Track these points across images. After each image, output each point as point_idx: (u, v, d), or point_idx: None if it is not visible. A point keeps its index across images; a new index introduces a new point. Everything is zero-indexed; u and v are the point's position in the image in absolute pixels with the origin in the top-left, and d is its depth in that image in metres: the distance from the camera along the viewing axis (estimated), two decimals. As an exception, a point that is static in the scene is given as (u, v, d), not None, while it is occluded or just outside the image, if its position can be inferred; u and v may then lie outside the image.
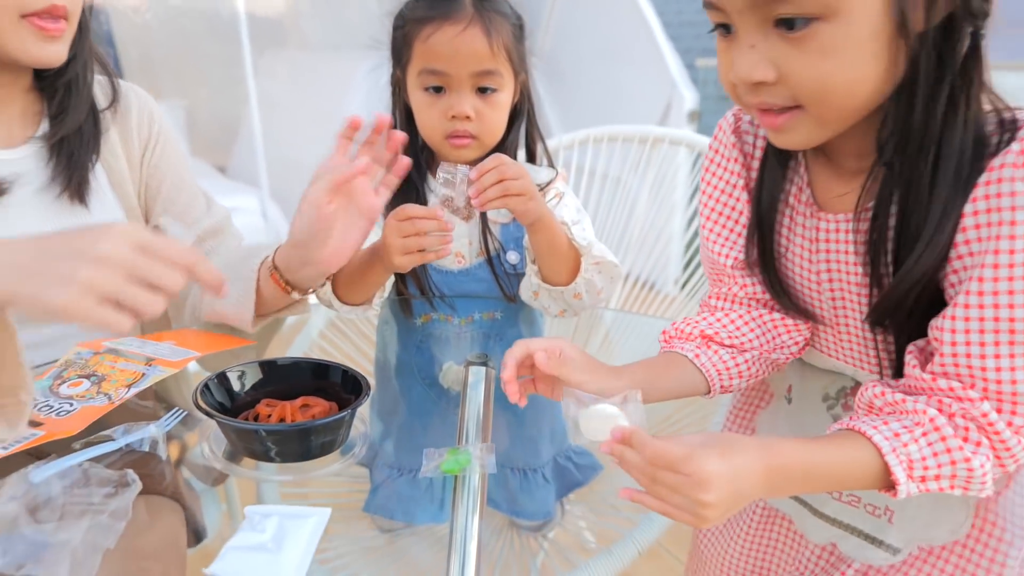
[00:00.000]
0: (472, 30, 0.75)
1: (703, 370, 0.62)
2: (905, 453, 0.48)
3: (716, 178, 0.66)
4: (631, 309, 1.40)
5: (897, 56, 0.47)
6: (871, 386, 0.54)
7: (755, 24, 0.48)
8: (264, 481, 0.63)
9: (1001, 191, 0.46)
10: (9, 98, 0.74)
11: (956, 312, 0.49)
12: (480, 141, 0.80)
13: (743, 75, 0.50)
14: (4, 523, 0.44)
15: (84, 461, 0.52)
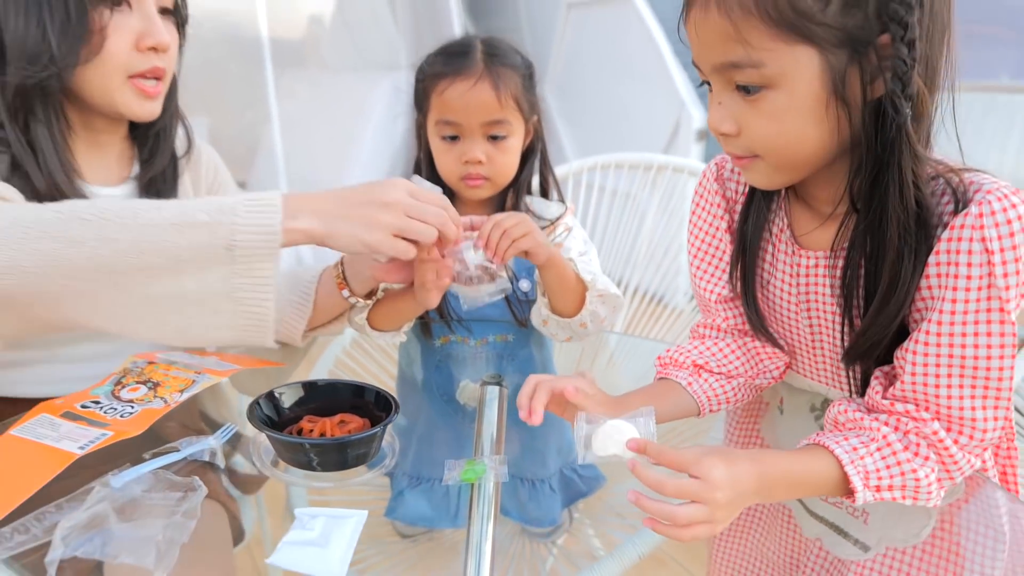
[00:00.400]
0: (481, 84, 0.83)
1: (695, 396, 0.71)
2: (862, 465, 0.55)
3: (701, 220, 0.74)
4: (641, 322, 1.47)
5: (840, 121, 0.55)
6: (837, 404, 0.62)
7: (722, 85, 0.57)
8: (307, 487, 0.71)
9: (960, 248, 0.53)
10: (110, 144, 0.84)
11: (916, 347, 0.56)
12: (492, 181, 0.89)
13: (713, 125, 0.59)
14: (98, 520, 0.52)
15: (155, 468, 0.61)
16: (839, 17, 0.51)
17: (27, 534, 0.53)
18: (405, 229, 0.64)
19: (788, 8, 0.51)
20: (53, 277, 0.58)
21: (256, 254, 0.60)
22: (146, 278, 0.59)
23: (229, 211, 0.60)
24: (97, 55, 0.73)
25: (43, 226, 0.58)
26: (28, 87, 0.72)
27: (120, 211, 0.59)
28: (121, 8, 0.74)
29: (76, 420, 0.63)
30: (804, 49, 0.53)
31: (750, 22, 0.52)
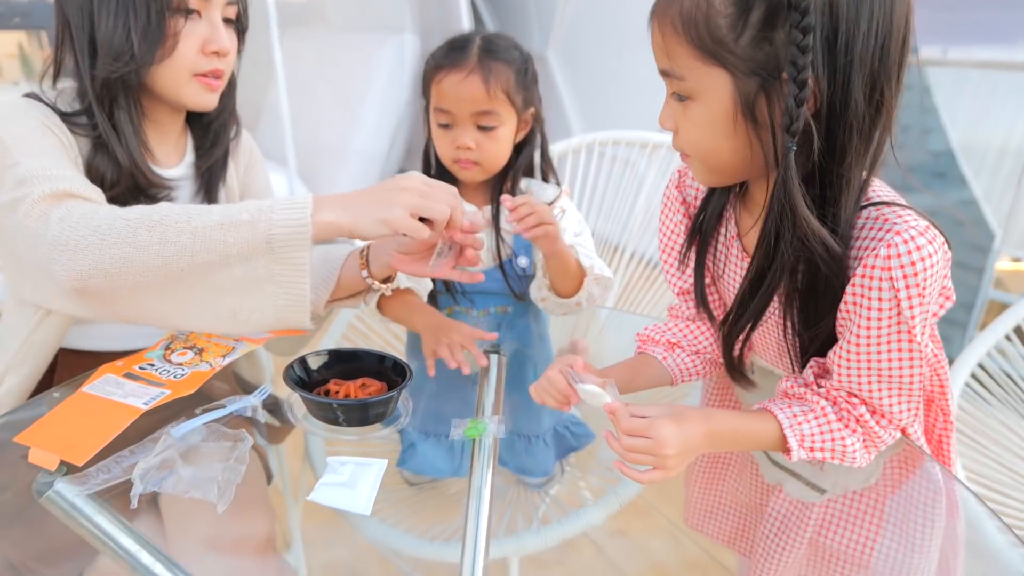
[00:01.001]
0: (472, 78, 0.92)
1: (669, 369, 0.82)
2: (799, 429, 0.67)
3: (667, 221, 0.84)
4: (636, 286, 1.55)
5: (752, 140, 0.61)
6: (785, 380, 0.73)
7: (668, 88, 0.65)
8: (331, 440, 0.83)
9: (871, 284, 0.61)
10: (171, 131, 0.95)
11: (841, 357, 0.66)
12: (482, 166, 0.98)
13: (660, 121, 0.67)
14: (167, 463, 0.64)
15: (208, 421, 0.72)
16: (749, 49, 0.58)
17: (109, 474, 0.64)
18: (421, 207, 0.73)
19: (707, 35, 0.58)
20: (128, 275, 0.69)
21: (291, 244, 0.70)
22: (203, 271, 0.70)
23: (267, 210, 0.70)
24: (169, 56, 0.83)
25: (117, 233, 0.68)
26: (112, 80, 0.82)
27: (177, 216, 0.69)
28: (192, 17, 0.84)
29: (137, 380, 0.74)
30: (719, 72, 0.59)
31: (677, 41, 0.60)
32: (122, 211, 0.71)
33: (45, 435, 0.67)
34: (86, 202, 0.74)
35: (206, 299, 0.72)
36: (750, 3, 0.56)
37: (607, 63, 3.60)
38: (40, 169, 0.75)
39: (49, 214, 0.72)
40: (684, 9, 0.59)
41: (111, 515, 0.64)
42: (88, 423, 0.68)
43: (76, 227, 0.70)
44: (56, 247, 0.69)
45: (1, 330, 0.95)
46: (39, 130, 0.80)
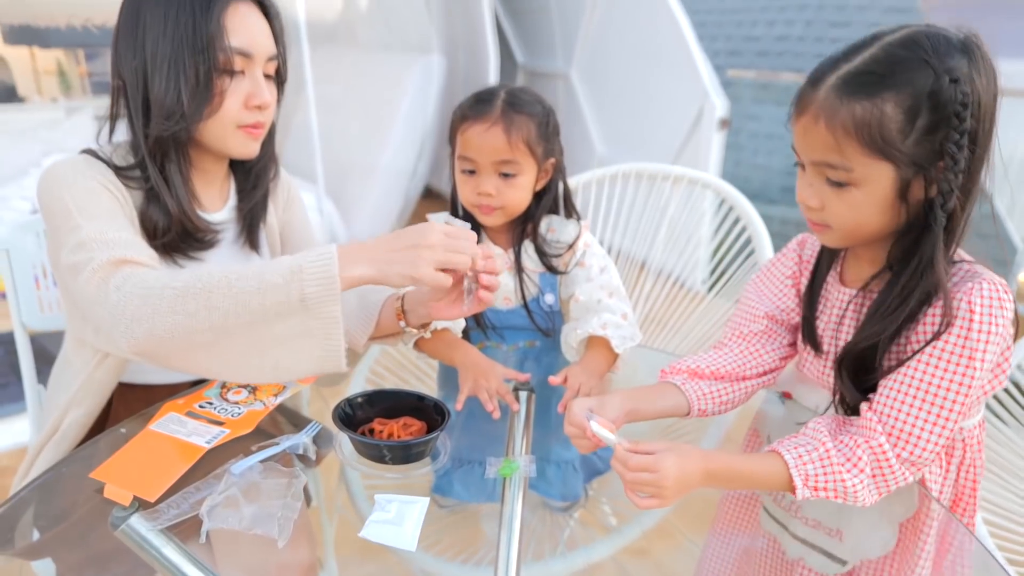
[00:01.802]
0: (494, 129, 0.97)
1: (687, 395, 0.87)
2: (804, 469, 0.72)
3: (775, 263, 0.96)
4: (662, 304, 1.59)
5: (899, 211, 0.74)
6: (817, 420, 0.79)
7: (815, 173, 0.76)
8: (375, 475, 0.89)
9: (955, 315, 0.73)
10: (215, 178, 1.02)
11: (898, 375, 0.75)
12: (503, 211, 1.03)
13: (802, 199, 0.78)
14: (231, 501, 0.70)
15: (264, 459, 0.78)
16: (913, 147, 0.70)
17: (178, 509, 0.70)
18: (445, 262, 0.77)
19: (879, 137, 0.70)
20: (179, 340, 0.75)
21: (323, 300, 0.74)
22: (245, 331, 0.75)
23: (298, 270, 0.74)
24: (216, 112, 0.89)
25: (167, 303, 0.74)
26: (164, 137, 0.89)
27: (219, 283, 0.74)
28: (237, 76, 0.90)
29: (198, 418, 0.80)
30: (884, 164, 0.71)
31: (848, 140, 0.71)
32: (169, 278, 0.76)
33: (118, 471, 0.74)
34: (139, 267, 0.80)
35: (250, 355, 0.77)
36: (917, 112, 0.69)
37: (629, 82, 3.64)
38: (98, 233, 0.81)
39: (107, 282, 0.77)
40: (857, 115, 0.70)
41: (177, 547, 0.71)
42: (156, 460, 0.74)
43: (131, 297, 0.75)
44: (114, 317, 0.75)
45: (63, 368, 1.02)
46: (97, 190, 0.87)
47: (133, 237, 0.85)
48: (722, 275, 1.53)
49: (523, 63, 4.56)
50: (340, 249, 0.77)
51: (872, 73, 0.70)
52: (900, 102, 0.69)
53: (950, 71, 0.68)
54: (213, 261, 1.00)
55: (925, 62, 0.68)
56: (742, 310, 0.96)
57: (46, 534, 0.85)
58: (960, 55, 0.69)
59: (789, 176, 4.13)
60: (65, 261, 0.82)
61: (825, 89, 0.72)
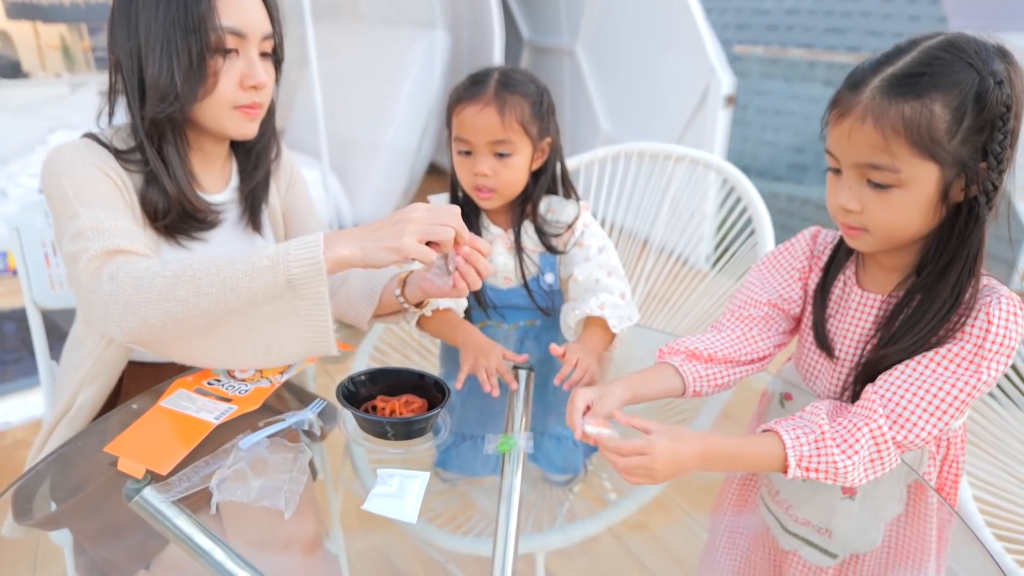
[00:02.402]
0: (488, 110, 0.99)
1: (684, 377, 0.89)
2: (800, 450, 0.74)
3: (785, 252, 0.96)
4: (664, 281, 1.60)
5: (937, 213, 0.75)
6: (819, 403, 0.81)
7: (856, 176, 0.77)
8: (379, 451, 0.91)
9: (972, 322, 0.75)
10: (216, 159, 1.03)
11: (903, 367, 0.77)
12: (499, 193, 1.05)
13: (841, 203, 0.78)
14: (240, 475, 0.73)
15: (270, 434, 0.81)
16: (958, 148, 0.71)
17: (189, 482, 0.73)
18: (428, 233, 0.78)
19: (927, 136, 0.71)
20: (171, 327, 0.77)
21: (309, 281, 0.76)
22: (235, 314, 0.76)
23: (283, 253, 0.75)
24: (211, 93, 0.90)
25: (157, 291, 0.76)
26: (160, 119, 0.89)
27: (207, 270, 0.76)
28: (231, 56, 0.90)
29: (206, 395, 0.83)
30: (930, 165, 0.72)
31: (898, 140, 0.71)
32: (160, 267, 0.78)
33: (131, 446, 0.77)
34: (132, 256, 0.82)
35: (242, 339, 0.79)
36: (963, 113, 0.71)
37: (635, 57, 3.61)
38: (95, 221, 0.83)
39: (101, 271, 0.79)
40: (907, 115, 0.71)
41: (188, 517, 0.74)
42: (168, 435, 0.77)
43: (123, 286, 0.77)
44: (107, 306, 0.77)
45: (75, 347, 1.04)
46: (95, 177, 0.88)
47: (129, 225, 0.86)
48: (725, 252, 1.54)
49: (528, 38, 4.52)
50: (327, 234, 0.79)
51: (919, 75, 0.71)
52: (948, 102, 0.70)
53: (994, 74, 0.70)
54: (216, 242, 1.02)
55: (969, 64, 0.70)
56: (744, 293, 0.97)
57: (62, 505, 0.88)
58: (999, 59, 0.71)
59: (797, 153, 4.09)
60: (65, 250, 0.84)
61: (870, 91, 0.73)
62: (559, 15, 4.09)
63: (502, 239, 1.10)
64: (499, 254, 1.10)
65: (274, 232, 1.13)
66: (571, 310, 1.04)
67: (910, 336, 0.78)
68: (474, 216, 1.10)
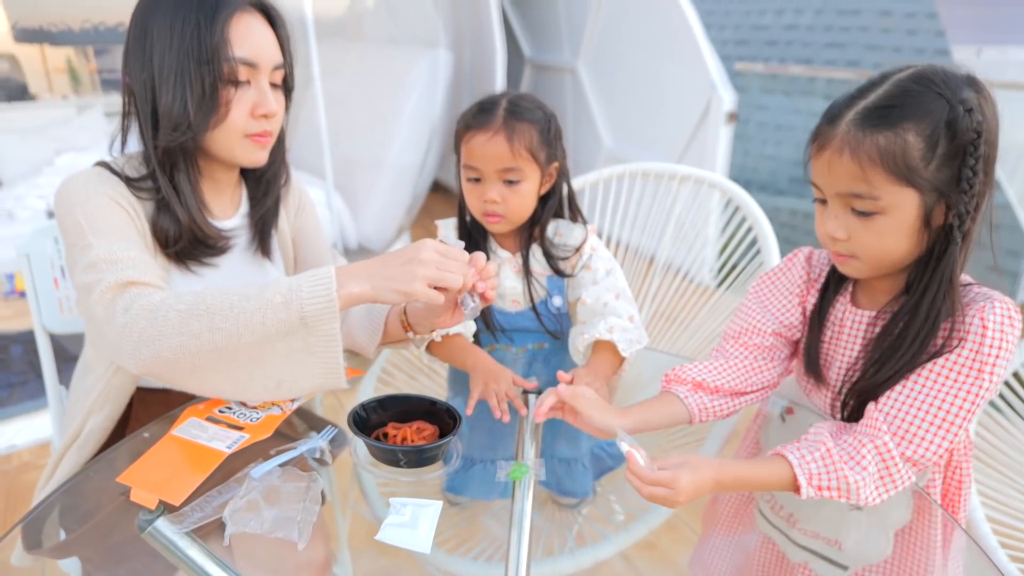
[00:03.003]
0: (497, 138, 0.99)
1: (689, 408, 0.90)
2: (808, 468, 0.75)
3: (783, 275, 0.96)
4: (670, 297, 1.61)
5: (922, 237, 0.77)
6: (822, 423, 0.81)
7: (840, 206, 0.79)
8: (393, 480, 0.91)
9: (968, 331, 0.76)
10: (226, 186, 1.04)
11: (905, 383, 0.77)
12: (508, 218, 1.05)
13: (828, 232, 0.80)
14: (253, 505, 0.72)
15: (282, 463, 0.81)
16: (935, 174, 0.74)
17: (202, 512, 0.73)
18: (437, 279, 0.79)
19: (903, 164, 0.73)
20: (185, 361, 0.77)
21: (322, 318, 0.76)
22: (248, 350, 0.77)
23: (296, 290, 0.76)
24: (223, 122, 0.91)
25: (172, 325, 0.76)
26: (172, 147, 0.91)
27: (221, 304, 0.77)
28: (243, 86, 0.91)
29: (218, 423, 0.83)
30: (909, 191, 0.74)
31: (875, 169, 0.74)
32: (174, 300, 0.78)
33: (143, 476, 0.76)
34: (146, 288, 0.82)
35: (254, 373, 0.79)
36: (936, 141, 0.73)
37: (636, 74, 3.63)
38: (108, 253, 0.84)
39: (115, 303, 0.80)
40: (881, 145, 0.74)
41: (201, 548, 0.74)
42: (180, 465, 0.77)
43: (137, 319, 0.78)
44: (121, 338, 0.78)
45: (84, 374, 1.05)
46: (108, 207, 0.88)
47: (142, 255, 0.87)
48: (731, 270, 1.54)
49: (530, 56, 4.56)
50: (338, 269, 0.79)
51: (890, 107, 0.74)
52: (920, 131, 0.73)
53: (963, 102, 0.72)
54: (226, 268, 1.02)
55: (939, 94, 0.73)
56: (745, 319, 0.97)
57: (72, 534, 0.88)
58: (968, 88, 0.73)
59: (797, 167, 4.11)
60: (78, 280, 0.85)
61: (845, 124, 0.76)
62: (560, 33, 4.13)
63: (510, 262, 1.11)
64: (507, 277, 1.10)
65: (283, 257, 1.14)
66: (579, 334, 1.04)
67: (893, 361, 0.79)
68: (482, 239, 1.11)
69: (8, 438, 2.20)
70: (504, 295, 1.10)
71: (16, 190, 3.11)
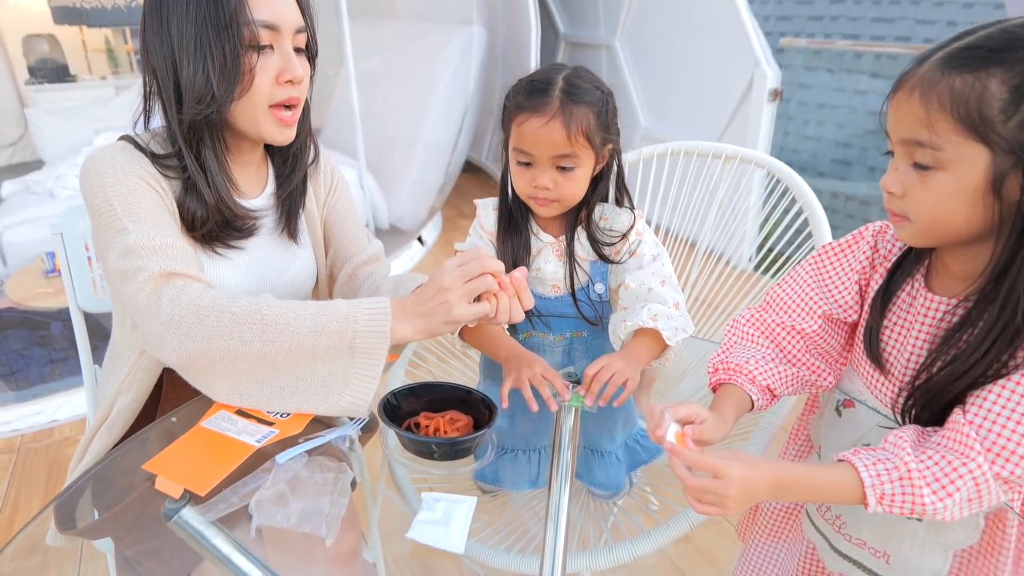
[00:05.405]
0: (553, 123, 0.92)
1: (750, 394, 0.84)
2: (881, 489, 0.67)
3: (845, 249, 0.87)
4: (709, 281, 1.54)
5: (989, 209, 0.65)
6: (898, 430, 0.72)
7: (902, 155, 0.69)
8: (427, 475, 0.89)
9: None
10: (252, 163, 1.01)
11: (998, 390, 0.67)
12: (560, 203, 1.00)
13: (884, 184, 0.71)
14: (279, 497, 0.70)
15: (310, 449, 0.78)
16: (1015, 132, 0.62)
17: (227, 503, 0.71)
18: (471, 292, 0.78)
19: (976, 114, 0.63)
20: (228, 363, 0.77)
21: (371, 352, 0.77)
22: (291, 367, 0.77)
23: (352, 320, 0.76)
24: (248, 91, 0.87)
25: (224, 328, 0.76)
26: (198, 121, 0.87)
27: (277, 319, 0.76)
28: (265, 51, 0.87)
29: (248, 417, 0.80)
30: (978, 147, 0.63)
31: (942, 115, 0.64)
32: (228, 302, 0.78)
33: (170, 465, 0.74)
34: (192, 282, 0.81)
35: (285, 389, 0.79)
36: (1023, 95, 0.62)
37: (675, 51, 3.52)
38: (146, 239, 0.82)
39: (160, 293, 0.79)
40: (956, 88, 0.63)
41: (227, 537, 0.72)
42: (208, 456, 0.75)
43: (186, 313, 0.77)
44: (168, 328, 0.77)
45: (114, 356, 1.04)
46: (139, 189, 0.86)
47: (180, 243, 0.85)
48: (777, 257, 1.47)
49: (565, 33, 4.46)
50: (392, 304, 0.79)
51: (982, 48, 0.64)
52: (1008, 79, 0.62)
53: None
54: (253, 251, 1.00)
55: None
56: (797, 293, 0.89)
57: (104, 514, 0.87)
58: None
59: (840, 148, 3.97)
60: (114, 266, 0.83)
61: (929, 63, 0.66)
62: (597, 9, 4.02)
63: (552, 246, 1.05)
64: (548, 261, 1.05)
65: (312, 241, 1.10)
66: (621, 320, 0.99)
67: (971, 360, 0.69)
68: (523, 220, 1.06)
69: (49, 414, 2.24)
70: (544, 279, 1.06)
71: (57, 170, 3.16)
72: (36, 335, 2.34)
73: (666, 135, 3.57)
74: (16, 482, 1.98)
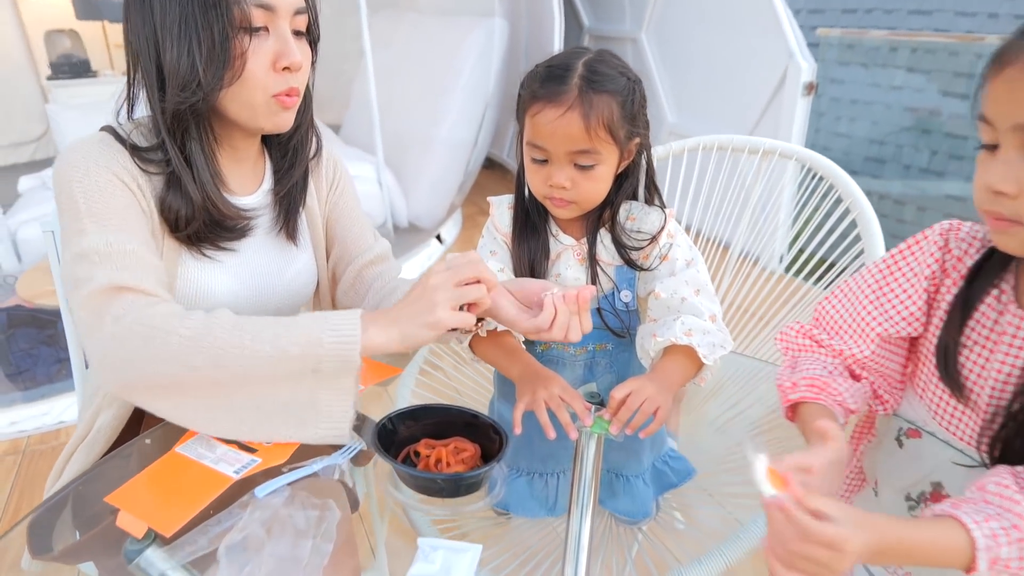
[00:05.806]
0: (571, 115, 0.81)
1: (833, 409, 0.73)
2: (996, 552, 0.55)
3: (908, 255, 0.75)
4: (739, 280, 1.44)
5: None
6: (996, 474, 0.60)
7: (1015, 146, 0.56)
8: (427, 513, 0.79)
9: None
10: (246, 157, 0.91)
11: None
12: (577, 204, 0.89)
13: (992, 183, 0.57)
14: (252, 542, 0.60)
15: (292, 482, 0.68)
16: None
17: (195, 545, 0.62)
18: (459, 298, 0.71)
19: None
20: (174, 392, 0.69)
21: (338, 374, 0.69)
22: (247, 394, 0.69)
23: (316, 344, 0.68)
24: (239, 78, 0.78)
25: (169, 351, 0.67)
26: (182, 111, 0.78)
27: (231, 341, 0.68)
28: (259, 34, 0.78)
29: (228, 443, 0.72)
30: None
31: None
32: (178, 322, 0.69)
33: (135, 498, 0.66)
34: (142, 296, 0.72)
35: (244, 419, 0.71)
36: None
37: (703, 44, 3.39)
38: (104, 244, 0.74)
39: (103, 310, 0.71)
40: None
41: (199, 582, 0.63)
42: (178, 489, 0.66)
43: (130, 335, 0.69)
44: (106, 352, 0.69)
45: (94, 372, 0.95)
46: (109, 187, 0.78)
47: (141, 250, 0.77)
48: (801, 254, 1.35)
49: (589, 27, 4.34)
50: (363, 316, 0.71)
51: None
52: None
53: None
54: (246, 253, 0.91)
55: None
56: (850, 313, 0.77)
57: (84, 536, 0.79)
58: None
59: (874, 146, 3.81)
60: (65, 269, 0.75)
61: None
62: (623, 1, 3.90)
63: (573, 250, 0.95)
64: (569, 267, 0.94)
65: (312, 241, 1.01)
66: (649, 334, 0.88)
67: None
68: (542, 222, 0.95)
69: (56, 415, 2.19)
70: (565, 287, 0.95)
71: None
72: (44, 334, 2.30)
73: (693, 131, 3.44)
74: (19, 486, 1.93)
